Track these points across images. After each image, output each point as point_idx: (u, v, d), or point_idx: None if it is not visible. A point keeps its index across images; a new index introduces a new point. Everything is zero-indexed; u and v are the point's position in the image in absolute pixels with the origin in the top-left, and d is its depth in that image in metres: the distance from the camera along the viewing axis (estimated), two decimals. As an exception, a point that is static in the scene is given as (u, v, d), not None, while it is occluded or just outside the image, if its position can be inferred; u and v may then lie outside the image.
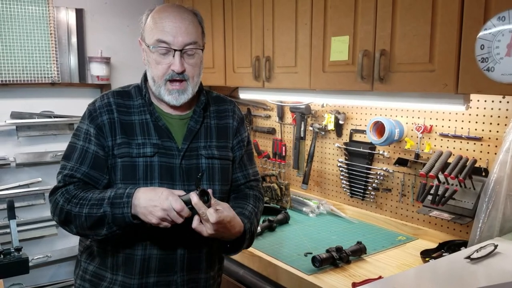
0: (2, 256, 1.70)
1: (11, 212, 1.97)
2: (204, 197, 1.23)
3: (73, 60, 2.70)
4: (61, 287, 2.68)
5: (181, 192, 1.26)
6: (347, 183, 2.33)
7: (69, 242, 2.75)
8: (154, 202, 1.22)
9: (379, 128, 2.07)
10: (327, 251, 1.69)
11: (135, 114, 1.42)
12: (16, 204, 2.27)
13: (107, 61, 2.72)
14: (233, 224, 1.31)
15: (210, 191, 1.27)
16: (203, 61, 1.45)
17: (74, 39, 2.69)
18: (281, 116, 2.70)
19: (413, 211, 2.06)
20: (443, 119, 1.91)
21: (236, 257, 1.90)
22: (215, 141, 1.48)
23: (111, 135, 1.38)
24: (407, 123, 2.05)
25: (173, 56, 1.34)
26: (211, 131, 1.49)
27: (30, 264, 2.14)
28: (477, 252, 1.27)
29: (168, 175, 1.38)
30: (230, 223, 1.29)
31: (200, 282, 1.44)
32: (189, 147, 1.41)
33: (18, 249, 1.75)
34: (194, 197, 1.21)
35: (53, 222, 2.64)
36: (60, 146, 2.69)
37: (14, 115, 2.54)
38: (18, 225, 2.40)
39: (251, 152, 1.61)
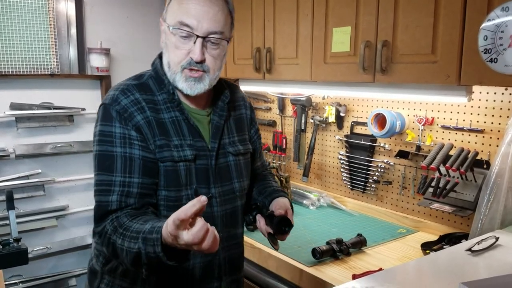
0: (1, 247, 1.70)
1: (10, 203, 1.97)
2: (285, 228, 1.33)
3: (73, 51, 2.68)
4: (61, 278, 2.68)
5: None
6: (348, 175, 2.32)
7: (69, 234, 2.75)
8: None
9: (380, 120, 2.06)
10: (327, 243, 1.69)
11: (163, 111, 1.26)
12: (16, 196, 2.26)
13: (106, 52, 2.70)
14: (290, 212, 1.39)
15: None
16: (226, 55, 1.32)
17: (73, 30, 2.67)
18: (281, 109, 2.68)
19: (413, 204, 2.06)
20: (444, 111, 1.90)
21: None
22: (236, 136, 1.38)
23: (151, 136, 1.22)
24: (408, 115, 2.04)
25: (194, 42, 1.19)
26: (230, 124, 1.38)
27: (30, 255, 2.13)
28: (478, 244, 1.26)
29: (204, 178, 1.28)
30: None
31: (240, 282, 1.44)
32: (218, 145, 1.31)
33: (17, 240, 1.74)
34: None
35: (53, 214, 2.64)
36: (59, 137, 2.68)
37: (14, 106, 2.52)
38: (17, 216, 2.40)
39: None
